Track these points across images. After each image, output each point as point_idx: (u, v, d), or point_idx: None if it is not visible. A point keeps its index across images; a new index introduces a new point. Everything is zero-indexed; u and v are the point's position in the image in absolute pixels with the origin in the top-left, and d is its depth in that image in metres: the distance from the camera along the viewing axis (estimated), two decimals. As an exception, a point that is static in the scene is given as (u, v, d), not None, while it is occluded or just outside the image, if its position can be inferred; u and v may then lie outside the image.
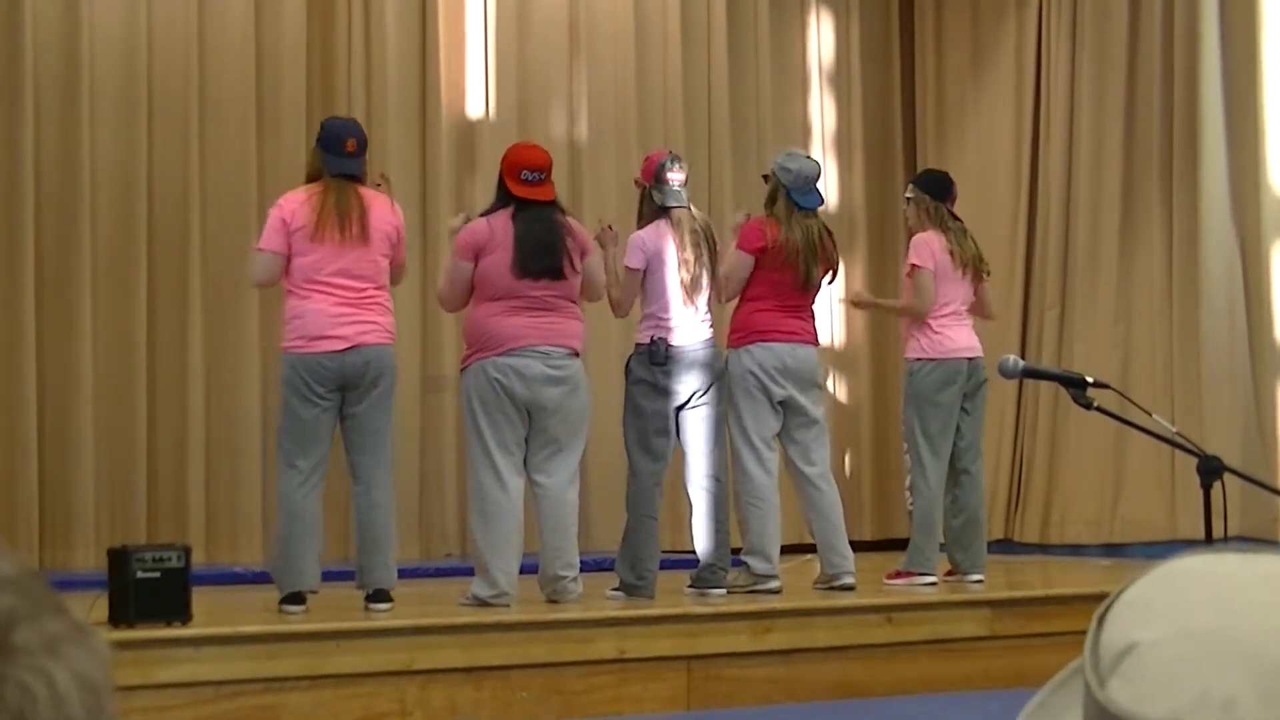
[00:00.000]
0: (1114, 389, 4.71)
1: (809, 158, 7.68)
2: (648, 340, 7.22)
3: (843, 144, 11.14)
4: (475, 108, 10.01)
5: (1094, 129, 10.16)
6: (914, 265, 7.80)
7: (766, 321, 7.38)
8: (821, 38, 11.17)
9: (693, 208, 7.42)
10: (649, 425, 7.19)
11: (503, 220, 6.81)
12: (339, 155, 6.60)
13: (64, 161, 8.94)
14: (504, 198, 6.86)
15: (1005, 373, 4.89)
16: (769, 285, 7.40)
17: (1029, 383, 10.05)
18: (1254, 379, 9.37)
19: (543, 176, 6.85)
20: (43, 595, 0.93)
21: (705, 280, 7.30)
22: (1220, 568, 0.98)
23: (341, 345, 6.48)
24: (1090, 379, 4.60)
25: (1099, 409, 4.53)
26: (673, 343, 7.20)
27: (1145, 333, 9.85)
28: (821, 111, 11.13)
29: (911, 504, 7.84)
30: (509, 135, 9.88)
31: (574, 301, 6.93)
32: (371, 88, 9.74)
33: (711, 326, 7.35)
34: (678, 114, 10.50)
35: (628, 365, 7.31)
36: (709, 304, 7.36)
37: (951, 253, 7.78)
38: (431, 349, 9.64)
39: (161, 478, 9.13)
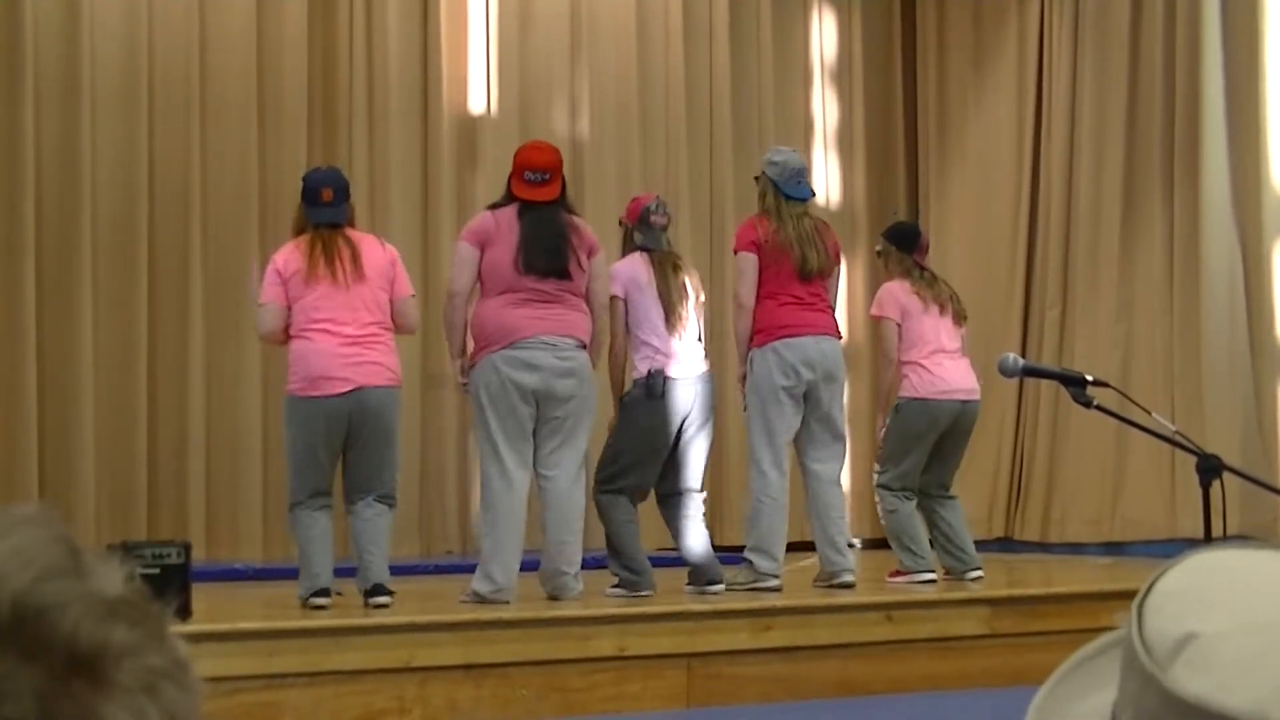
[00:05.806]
0: (1114, 388, 4.70)
1: (794, 151, 7.74)
2: (645, 373, 7.20)
3: (844, 141, 11.14)
4: (477, 104, 10.00)
5: (1095, 127, 10.16)
6: (874, 316, 7.97)
7: (784, 317, 7.31)
8: (824, 34, 11.16)
9: (675, 252, 7.53)
10: (643, 446, 7.18)
11: (508, 216, 6.83)
12: (317, 205, 6.69)
13: (65, 158, 8.93)
14: (508, 197, 6.88)
15: (1005, 371, 4.89)
16: (776, 281, 7.36)
17: (1029, 381, 10.05)
18: (1254, 378, 9.37)
19: (547, 177, 6.86)
20: (152, 623, 0.88)
21: (687, 314, 7.29)
22: (1252, 563, 0.98)
23: (344, 388, 6.48)
24: (1090, 377, 4.59)
25: (1099, 408, 4.52)
26: (670, 374, 7.19)
27: (1146, 331, 9.85)
28: (823, 108, 11.13)
29: (884, 520, 7.86)
30: (510, 131, 9.89)
31: (579, 296, 6.93)
32: (373, 83, 9.73)
33: (709, 359, 7.35)
34: (679, 110, 10.49)
35: (622, 399, 7.26)
36: (701, 338, 7.36)
37: (918, 293, 7.81)
38: (432, 345, 9.61)
39: (161, 474, 9.13)
